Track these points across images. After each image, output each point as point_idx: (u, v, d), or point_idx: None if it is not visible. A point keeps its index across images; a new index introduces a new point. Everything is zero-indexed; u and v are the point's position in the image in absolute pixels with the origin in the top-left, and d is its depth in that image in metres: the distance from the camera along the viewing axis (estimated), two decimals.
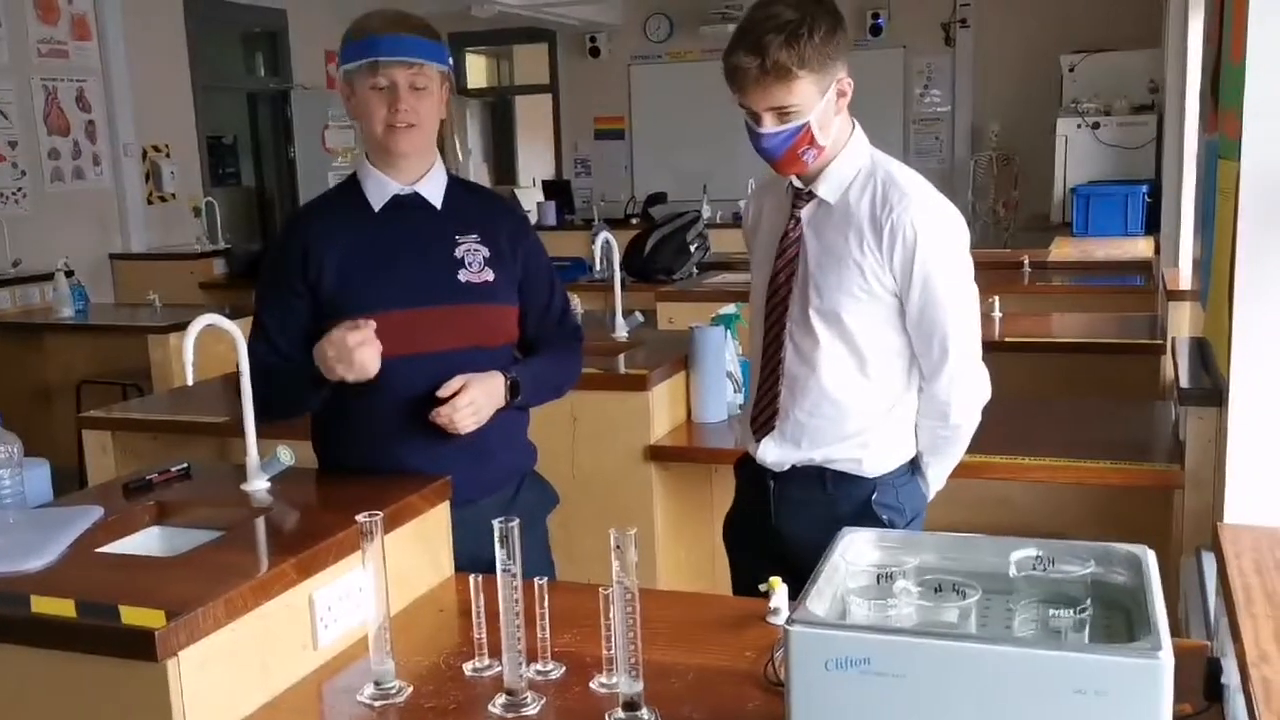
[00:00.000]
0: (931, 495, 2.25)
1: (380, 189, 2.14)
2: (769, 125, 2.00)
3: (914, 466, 2.19)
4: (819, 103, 1.98)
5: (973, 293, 2.09)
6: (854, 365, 2.09)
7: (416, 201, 2.15)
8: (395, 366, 2.04)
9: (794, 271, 2.12)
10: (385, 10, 2.10)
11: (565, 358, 2.29)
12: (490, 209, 2.26)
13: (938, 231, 2.02)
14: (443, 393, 2.03)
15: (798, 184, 2.12)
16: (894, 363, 2.10)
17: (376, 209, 2.14)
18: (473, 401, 2.04)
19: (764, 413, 2.19)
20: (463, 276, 2.12)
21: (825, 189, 2.09)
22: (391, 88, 2.04)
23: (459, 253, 2.13)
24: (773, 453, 2.18)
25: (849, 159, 2.08)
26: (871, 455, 2.12)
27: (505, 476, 2.22)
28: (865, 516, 2.09)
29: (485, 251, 2.15)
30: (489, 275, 2.14)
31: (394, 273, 2.10)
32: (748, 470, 2.28)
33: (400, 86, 2.04)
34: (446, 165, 2.23)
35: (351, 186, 2.18)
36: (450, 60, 2.14)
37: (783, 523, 2.20)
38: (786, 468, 2.18)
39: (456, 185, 2.22)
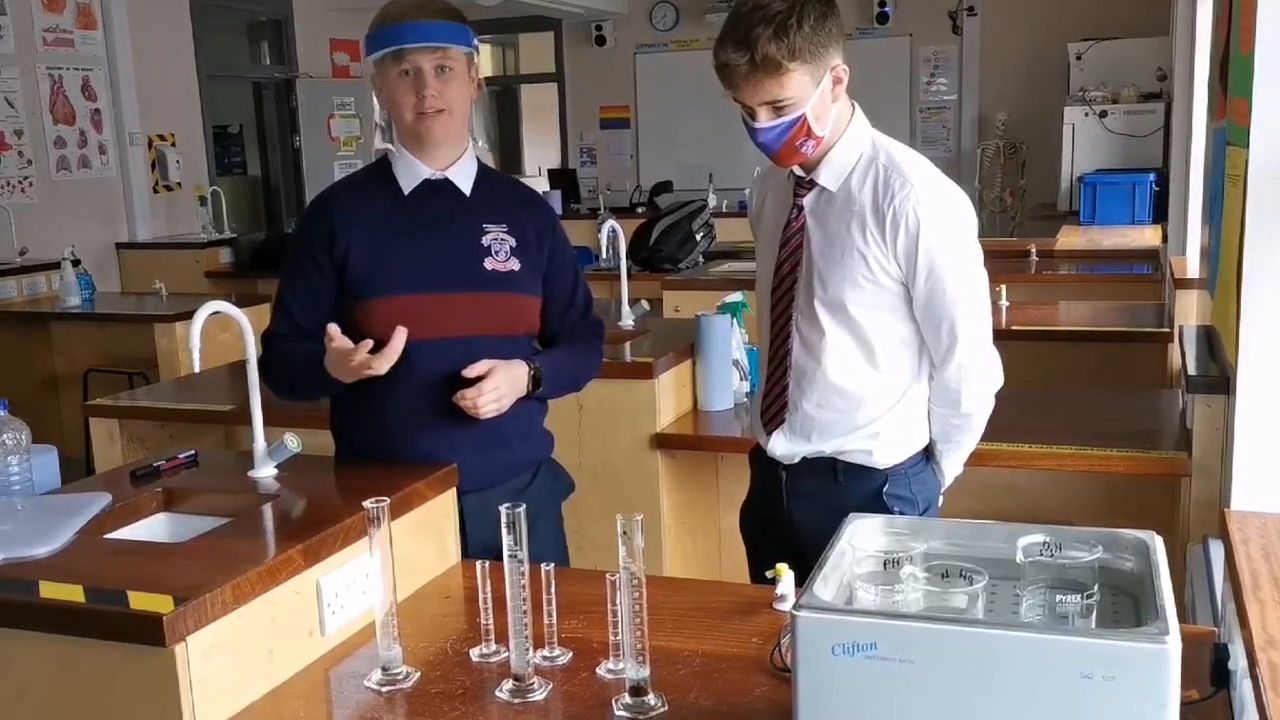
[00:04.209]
0: (947, 484, 2.23)
1: (411, 172, 2.13)
2: (764, 120, 1.96)
3: (927, 455, 2.17)
4: (813, 93, 1.94)
5: (981, 277, 2.06)
6: (861, 356, 2.07)
7: (446, 187, 2.15)
8: (416, 350, 2.04)
9: (798, 262, 2.10)
10: None
11: (586, 352, 2.29)
12: (519, 199, 2.25)
13: (941, 217, 1.98)
14: (469, 372, 2.03)
15: (799, 172, 2.09)
16: (902, 352, 2.08)
17: (406, 192, 2.13)
18: (497, 388, 2.04)
19: (773, 405, 2.17)
20: (488, 264, 2.12)
21: (826, 176, 2.06)
22: (417, 74, 2.03)
23: (486, 240, 2.13)
24: (782, 446, 2.16)
25: (850, 145, 2.04)
26: (882, 446, 2.10)
27: (520, 465, 2.21)
28: (876, 508, 2.07)
29: (512, 241, 2.15)
30: (514, 265, 2.14)
31: (420, 256, 2.09)
32: (761, 460, 2.26)
33: (425, 72, 2.03)
34: (479, 146, 2.23)
35: (382, 168, 2.17)
36: (475, 42, 2.12)
37: (795, 513, 2.18)
38: (797, 460, 2.17)
39: (486, 174, 2.22)
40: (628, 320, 3.86)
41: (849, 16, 10.27)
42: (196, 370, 2.03)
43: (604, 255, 6.06)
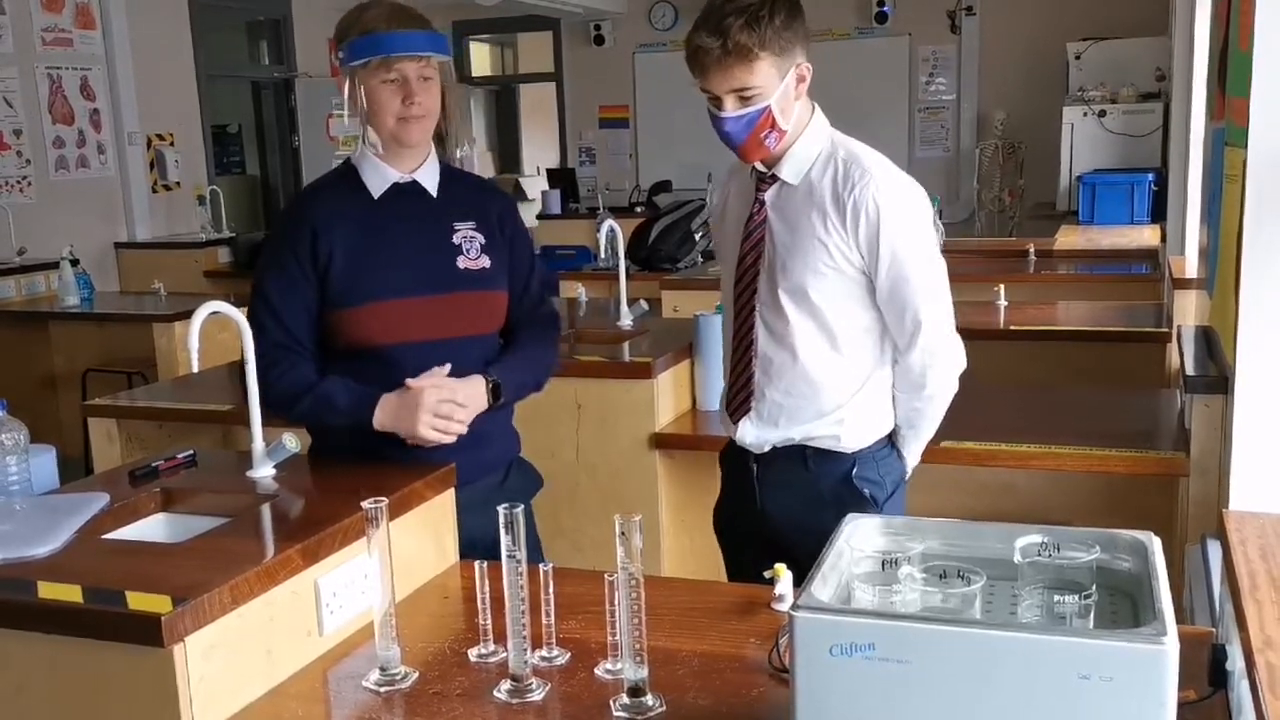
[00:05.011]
0: (910, 470, 2.28)
1: (379, 176, 2.16)
2: (730, 109, 2.03)
3: (892, 440, 2.23)
4: (779, 86, 2.02)
5: (940, 265, 2.13)
6: (825, 342, 2.12)
7: (415, 189, 2.18)
8: (397, 353, 2.08)
9: (760, 254, 2.16)
10: (382, 2, 2.12)
11: (542, 351, 2.29)
12: (482, 194, 2.29)
13: (900, 206, 2.05)
14: (413, 382, 2.04)
15: (761, 168, 2.16)
16: (864, 339, 2.14)
17: (376, 196, 2.16)
18: (460, 396, 2.05)
19: (739, 395, 2.23)
20: (461, 263, 2.16)
21: (787, 171, 2.12)
22: (403, 81, 2.08)
23: (456, 239, 2.17)
24: (751, 434, 2.21)
25: (810, 141, 2.12)
26: (849, 431, 2.16)
27: (495, 463, 2.24)
28: (847, 491, 2.15)
29: (481, 238, 2.19)
30: (485, 262, 2.18)
31: (398, 260, 2.12)
32: (731, 456, 2.32)
33: (411, 79, 2.08)
34: (453, 154, 2.26)
35: (348, 173, 2.19)
36: (450, 50, 2.18)
37: (768, 504, 2.23)
38: (766, 449, 2.21)
39: (449, 173, 2.25)
40: (626, 320, 3.86)
41: (848, 16, 10.30)
42: (195, 370, 2.02)
43: (603, 255, 6.05)
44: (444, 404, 2.03)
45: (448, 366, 2.06)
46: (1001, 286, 4.45)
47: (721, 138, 2.08)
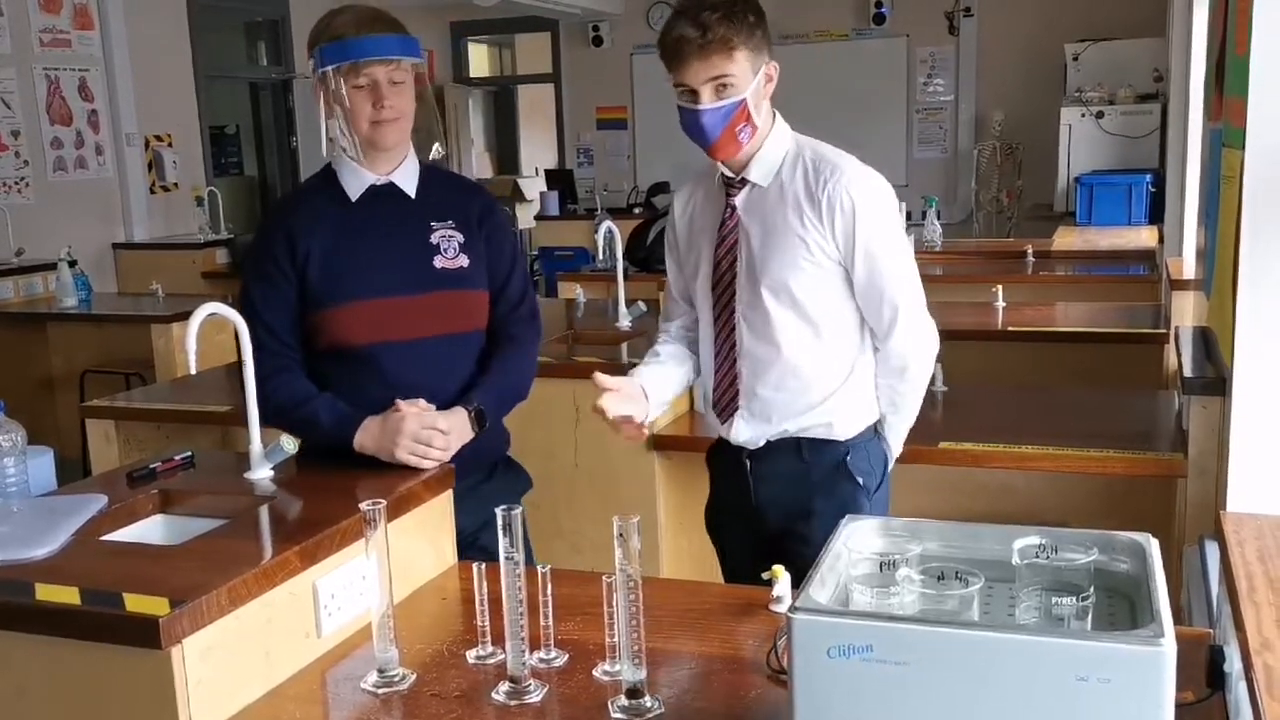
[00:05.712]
0: (894, 457, 2.32)
1: (357, 180, 2.19)
2: (707, 100, 2.07)
3: (878, 430, 2.28)
4: (753, 81, 2.08)
5: (909, 250, 2.22)
6: (810, 334, 2.17)
7: (391, 191, 2.20)
8: (377, 353, 2.12)
9: (736, 257, 2.20)
10: (354, 8, 2.14)
11: (520, 359, 2.28)
12: (461, 193, 2.31)
13: (872, 198, 2.12)
14: (403, 405, 2.04)
15: (728, 174, 2.20)
16: (845, 329, 2.19)
17: (353, 199, 2.19)
18: (447, 433, 2.05)
19: (725, 394, 2.27)
20: (438, 263, 2.18)
21: (757, 173, 2.18)
22: (374, 85, 2.10)
23: (434, 239, 2.19)
24: (744, 431, 2.25)
25: (776, 144, 2.18)
26: (840, 420, 2.21)
27: (479, 461, 2.24)
28: (840, 478, 2.20)
29: (460, 237, 2.21)
30: (463, 261, 2.20)
31: (373, 262, 2.15)
32: (722, 454, 2.35)
33: (382, 83, 2.10)
34: (427, 154, 2.28)
35: (327, 178, 2.23)
36: (422, 53, 2.21)
37: (761, 497, 2.27)
38: (761, 444, 2.24)
39: (429, 173, 2.27)
40: (624, 321, 3.86)
41: (846, 17, 10.30)
42: (193, 371, 2.02)
43: (601, 256, 6.05)
44: (425, 430, 2.03)
45: (433, 407, 2.07)
46: (999, 287, 4.44)
47: (694, 133, 2.11)
